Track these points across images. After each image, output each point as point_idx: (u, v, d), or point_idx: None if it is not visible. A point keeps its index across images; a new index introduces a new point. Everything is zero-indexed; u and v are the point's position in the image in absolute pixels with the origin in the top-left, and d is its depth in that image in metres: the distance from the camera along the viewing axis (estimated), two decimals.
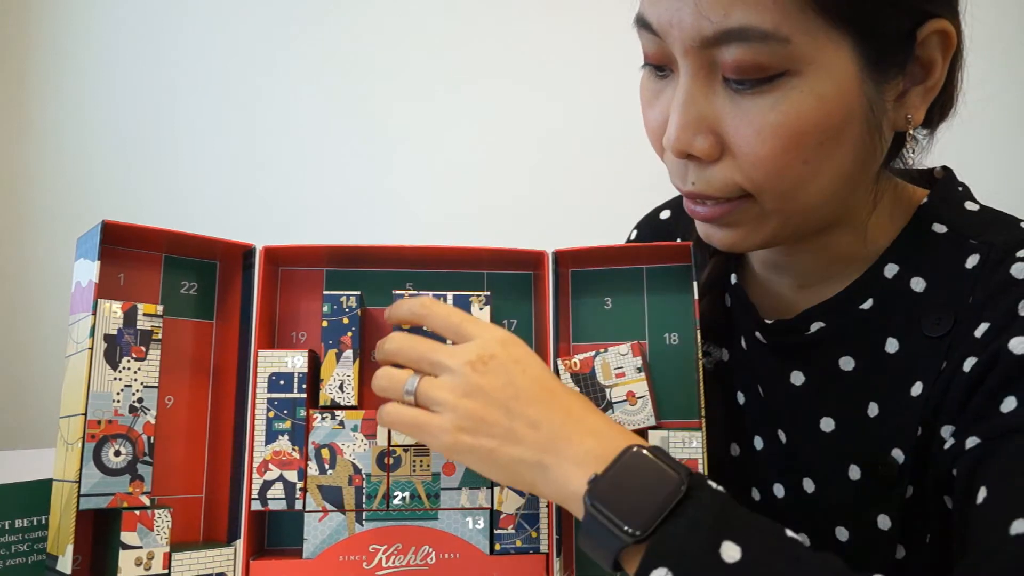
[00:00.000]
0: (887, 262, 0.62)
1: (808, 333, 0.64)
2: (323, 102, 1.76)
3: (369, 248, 0.63)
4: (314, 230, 1.68)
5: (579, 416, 0.51)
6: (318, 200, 1.73)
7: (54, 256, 1.77)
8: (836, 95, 0.53)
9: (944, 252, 0.60)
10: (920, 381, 0.58)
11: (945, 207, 0.63)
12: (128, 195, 1.79)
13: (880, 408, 0.61)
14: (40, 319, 1.79)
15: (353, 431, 0.59)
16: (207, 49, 1.80)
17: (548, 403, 0.51)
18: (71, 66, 1.83)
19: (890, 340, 0.61)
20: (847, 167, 0.57)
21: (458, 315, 0.56)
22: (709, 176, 0.56)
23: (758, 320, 0.67)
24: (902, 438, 0.59)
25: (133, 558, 0.54)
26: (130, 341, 0.56)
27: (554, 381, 0.53)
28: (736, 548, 0.44)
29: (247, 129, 1.77)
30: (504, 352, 0.53)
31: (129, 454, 0.55)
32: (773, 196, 0.56)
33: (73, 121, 1.83)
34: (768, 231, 0.59)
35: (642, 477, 0.47)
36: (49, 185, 1.82)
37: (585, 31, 1.62)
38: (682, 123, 0.55)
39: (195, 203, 1.77)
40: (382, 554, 0.58)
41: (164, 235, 0.59)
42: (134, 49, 1.82)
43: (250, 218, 1.74)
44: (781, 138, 0.53)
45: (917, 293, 0.61)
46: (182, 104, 1.80)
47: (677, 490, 0.46)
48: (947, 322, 0.58)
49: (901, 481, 0.58)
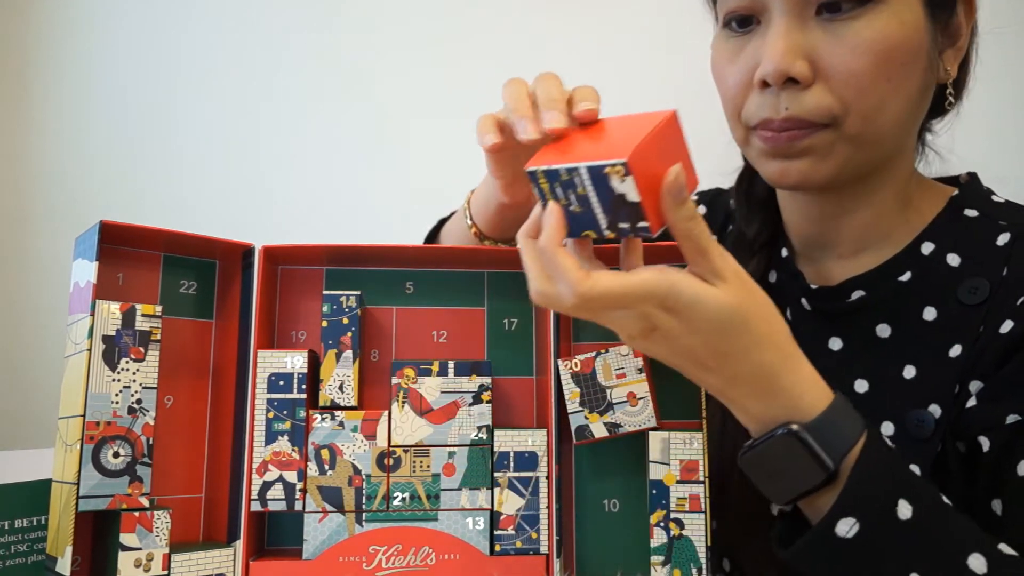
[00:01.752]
0: (924, 240, 0.68)
1: (849, 300, 0.69)
2: (323, 102, 1.75)
3: (369, 248, 0.62)
4: (314, 230, 1.68)
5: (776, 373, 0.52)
6: (318, 200, 1.73)
7: (53, 256, 1.77)
8: (913, 23, 0.62)
9: (976, 232, 0.67)
10: (959, 344, 0.63)
11: (975, 197, 0.70)
12: (127, 195, 1.78)
13: (917, 370, 0.65)
14: (39, 319, 1.78)
15: (353, 432, 0.59)
16: (207, 49, 1.80)
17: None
18: (70, 65, 1.83)
19: (928, 309, 0.66)
20: (914, 96, 0.64)
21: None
22: (802, 100, 0.62)
23: (804, 287, 0.72)
24: (940, 395, 0.63)
25: (132, 559, 0.54)
26: (128, 342, 0.55)
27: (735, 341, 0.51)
28: (908, 507, 0.49)
29: (247, 129, 1.77)
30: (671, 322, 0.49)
31: (128, 455, 0.55)
32: (857, 117, 0.62)
33: (72, 120, 1.83)
34: (837, 161, 0.63)
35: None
36: (48, 185, 1.82)
37: (588, 37, 1.61)
38: (784, 48, 0.61)
39: (194, 203, 1.76)
40: (382, 555, 0.58)
41: (163, 235, 0.59)
42: (134, 48, 1.82)
43: (250, 218, 1.73)
44: (875, 53, 0.60)
45: (952, 267, 0.66)
46: (182, 104, 1.79)
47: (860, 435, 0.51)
48: (983, 291, 0.63)
49: (935, 435, 0.62)
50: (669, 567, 0.57)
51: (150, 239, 0.60)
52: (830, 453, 0.50)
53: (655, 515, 0.58)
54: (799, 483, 0.51)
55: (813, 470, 0.50)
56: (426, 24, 1.73)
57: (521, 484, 0.59)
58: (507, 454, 0.59)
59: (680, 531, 0.58)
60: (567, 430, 0.60)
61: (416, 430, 0.59)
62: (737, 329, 0.48)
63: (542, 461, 0.59)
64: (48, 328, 1.77)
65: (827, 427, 0.50)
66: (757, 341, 0.49)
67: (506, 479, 0.59)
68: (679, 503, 0.58)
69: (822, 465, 0.50)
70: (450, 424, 0.59)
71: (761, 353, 0.50)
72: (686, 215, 0.47)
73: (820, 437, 0.50)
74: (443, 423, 0.59)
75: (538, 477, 0.59)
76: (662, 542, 0.58)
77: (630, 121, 0.50)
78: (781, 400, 0.51)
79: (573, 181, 0.47)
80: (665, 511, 0.58)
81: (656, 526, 0.58)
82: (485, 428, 0.60)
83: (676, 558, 0.57)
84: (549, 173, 0.49)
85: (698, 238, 0.48)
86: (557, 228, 0.48)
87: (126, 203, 1.77)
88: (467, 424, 0.60)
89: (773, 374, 0.50)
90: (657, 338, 0.50)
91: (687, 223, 0.47)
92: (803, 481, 0.51)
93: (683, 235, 0.48)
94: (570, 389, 0.60)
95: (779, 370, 0.50)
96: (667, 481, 0.58)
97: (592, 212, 0.48)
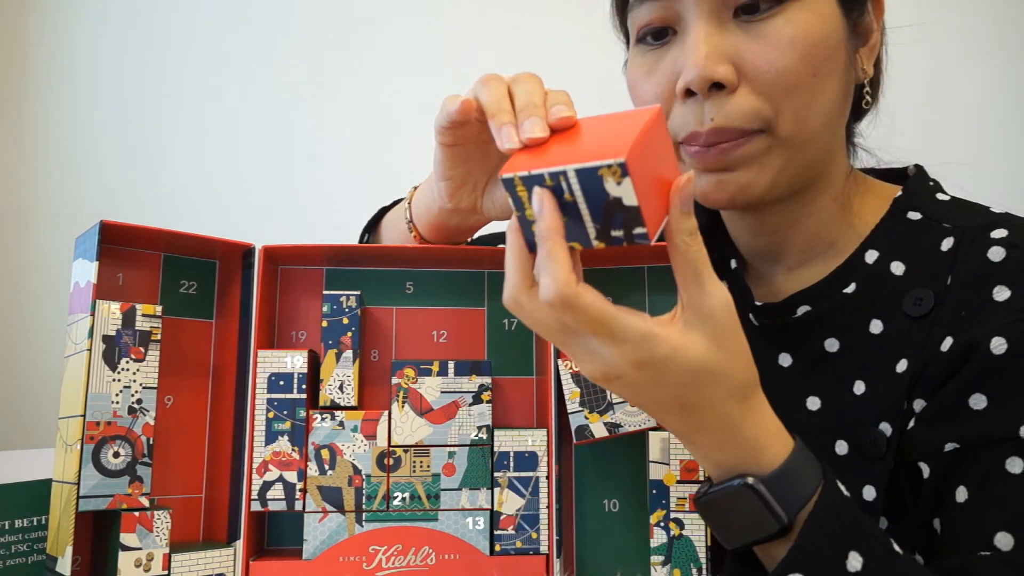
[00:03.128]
0: (867, 248, 0.66)
1: (795, 316, 0.67)
2: (324, 102, 1.75)
3: (369, 248, 0.62)
4: (314, 230, 1.68)
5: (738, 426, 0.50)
6: (318, 200, 1.73)
7: (53, 256, 1.77)
8: (831, 17, 0.61)
9: (920, 237, 0.64)
10: (905, 358, 0.61)
11: (918, 197, 0.67)
12: (127, 195, 1.78)
13: (866, 385, 0.63)
14: (39, 319, 1.78)
15: (353, 432, 0.59)
16: (207, 49, 1.80)
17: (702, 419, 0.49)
18: (70, 65, 1.83)
19: (874, 321, 0.64)
20: (839, 94, 0.63)
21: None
22: (728, 108, 0.60)
23: (750, 303, 0.70)
24: (889, 412, 0.61)
25: (133, 559, 0.54)
26: (129, 342, 0.56)
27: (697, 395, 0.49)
28: (859, 559, 0.48)
29: (247, 129, 1.77)
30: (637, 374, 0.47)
31: (128, 455, 0.55)
32: (788, 117, 0.60)
33: (72, 120, 1.83)
34: (773, 171, 0.62)
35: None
36: (48, 185, 1.82)
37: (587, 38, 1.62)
38: (706, 53, 0.59)
39: (194, 203, 1.76)
40: (382, 555, 0.58)
41: (163, 235, 0.59)
42: (133, 48, 1.82)
43: (250, 218, 1.73)
44: (799, 48, 0.59)
45: (897, 276, 0.64)
46: (182, 104, 1.79)
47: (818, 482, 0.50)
48: (928, 302, 0.61)
49: (888, 453, 0.61)
50: (669, 567, 0.57)
51: (150, 239, 0.60)
52: (785, 507, 0.48)
53: (655, 515, 0.58)
54: (752, 533, 0.50)
55: (768, 522, 0.49)
56: (428, 25, 1.73)
57: (521, 484, 0.59)
58: (507, 454, 0.59)
59: (680, 531, 0.58)
60: (567, 430, 0.60)
61: (416, 430, 0.59)
62: (706, 382, 0.46)
63: (542, 461, 0.59)
64: (48, 328, 1.76)
65: (784, 480, 0.49)
66: (726, 393, 0.47)
67: (506, 479, 0.59)
68: (679, 503, 0.58)
69: (777, 518, 0.49)
70: (450, 424, 0.59)
71: (726, 404, 0.47)
72: (688, 229, 0.45)
73: (777, 491, 0.49)
74: (443, 423, 0.59)
75: (538, 477, 0.59)
76: (662, 542, 0.58)
77: (609, 121, 0.47)
78: (743, 451, 0.49)
79: (559, 186, 0.43)
80: (665, 511, 0.58)
81: (656, 526, 0.58)
82: (485, 428, 0.60)
83: (676, 558, 0.57)
84: (529, 179, 0.44)
85: (694, 259, 0.45)
86: (555, 215, 0.44)
87: (126, 203, 1.77)
88: (467, 424, 0.60)
89: (736, 425, 0.48)
90: (618, 385, 0.47)
91: (687, 237, 0.45)
92: (756, 531, 0.50)
93: (680, 252, 0.45)
94: (570, 389, 0.60)
95: (742, 421, 0.48)
96: (667, 481, 0.58)
97: (580, 221, 0.44)
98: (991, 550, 0.53)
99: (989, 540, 0.53)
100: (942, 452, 0.57)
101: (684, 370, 0.45)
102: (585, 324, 0.44)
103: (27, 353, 1.78)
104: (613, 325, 0.44)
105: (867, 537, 0.49)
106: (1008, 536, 0.53)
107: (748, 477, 0.49)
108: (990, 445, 0.55)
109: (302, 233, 0.82)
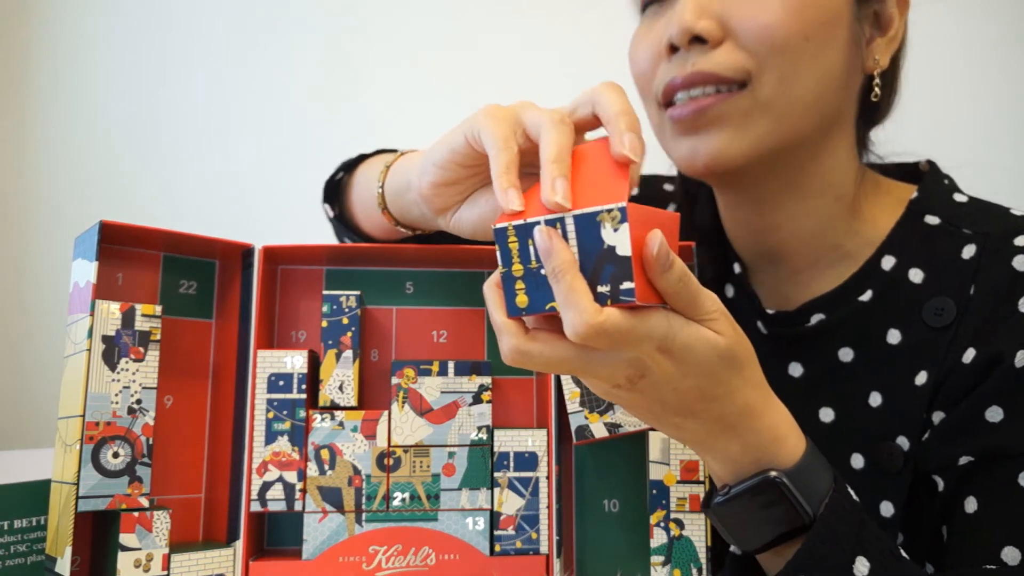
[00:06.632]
0: (884, 254, 0.63)
1: (808, 325, 0.65)
2: (324, 102, 1.75)
3: (369, 248, 0.62)
4: (314, 230, 1.68)
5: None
6: (318, 200, 1.73)
7: (53, 256, 1.77)
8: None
9: (940, 243, 0.62)
10: (924, 371, 0.59)
11: (935, 199, 0.64)
12: (127, 195, 1.78)
13: (883, 397, 0.61)
14: (39, 319, 1.78)
15: (353, 432, 0.59)
16: (207, 49, 1.80)
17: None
18: (69, 65, 1.83)
19: (892, 331, 0.62)
20: (835, 68, 0.60)
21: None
22: (711, 56, 0.59)
23: (760, 310, 0.68)
24: (907, 426, 0.60)
25: (132, 560, 0.54)
26: (128, 342, 0.55)
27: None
28: (866, 564, 0.47)
29: (247, 129, 1.77)
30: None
31: (128, 455, 0.55)
32: (772, 76, 0.58)
33: (71, 120, 1.83)
34: (753, 135, 0.59)
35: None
36: (48, 185, 1.82)
37: (587, 36, 1.62)
38: (692, 8, 0.58)
39: (194, 203, 1.76)
40: (382, 555, 0.58)
41: (162, 235, 0.59)
42: (133, 48, 1.82)
43: (250, 218, 1.73)
44: (788, 5, 0.57)
45: (916, 284, 0.62)
46: (181, 104, 1.79)
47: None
48: (949, 312, 0.59)
49: (906, 468, 0.59)
50: (669, 567, 0.57)
51: (150, 239, 0.60)
52: (809, 502, 0.48)
53: (655, 515, 0.58)
54: (774, 529, 0.49)
55: (791, 518, 0.48)
56: (426, 25, 1.73)
57: (521, 484, 0.59)
58: (507, 454, 0.59)
59: (680, 531, 0.58)
60: (567, 430, 0.60)
61: (416, 430, 0.59)
62: (729, 370, 0.46)
63: (542, 461, 0.59)
64: (48, 328, 1.76)
65: (805, 474, 0.49)
66: (745, 382, 0.47)
67: (506, 479, 0.59)
68: (679, 503, 0.58)
69: (803, 513, 0.48)
70: (450, 424, 0.59)
71: (747, 393, 0.47)
72: (676, 277, 0.43)
73: (799, 485, 0.48)
74: (443, 423, 0.59)
75: (538, 477, 0.59)
76: (662, 542, 0.58)
77: (588, 163, 0.45)
78: (762, 440, 0.49)
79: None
80: (665, 511, 0.58)
81: (656, 526, 0.58)
82: (485, 428, 0.60)
83: (676, 558, 0.57)
84: (524, 228, 0.42)
85: (687, 289, 0.44)
86: (567, 249, 0.42)
87: (126, 203, 1.77)
88: (467, 424, 0.60)
89: (756, 413, 0.48)
90: (644, 386, 0.46)
91: (677, 285, 0.43)
92: (776, 530, 0.49)
93: (673, 295, 0.44)
94: (570, 389, 0.59)
95: (762, 410, 0.48)
96: (667, 481, 0.58)
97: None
98: (997, 564, 0.53)
99: (996, 554, 0.53)
100: (956, 466, 0.56)
101: (705, 359, 0.45)
102: (620, 340, 0.42)
103: (26, 353, 1.78)
104: (641, 330, 0.43)
105: (875, 540, 0.49)
106: (1016, 551, 0.52)
107: (771, 471, 0.48)
108: (1004, 458, 0.54)
109: (302, 233, 0.82)
